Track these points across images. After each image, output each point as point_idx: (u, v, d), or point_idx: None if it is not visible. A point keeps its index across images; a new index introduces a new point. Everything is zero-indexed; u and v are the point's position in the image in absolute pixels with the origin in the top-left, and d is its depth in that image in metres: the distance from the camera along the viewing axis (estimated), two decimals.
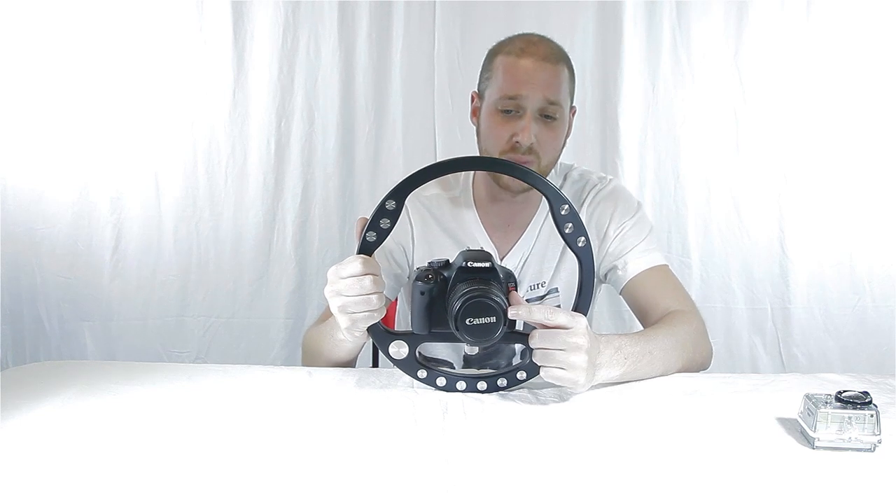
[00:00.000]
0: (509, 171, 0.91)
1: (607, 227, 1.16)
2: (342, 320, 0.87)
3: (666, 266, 1.15)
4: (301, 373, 1.00)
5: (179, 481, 0.67)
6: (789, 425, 0.79)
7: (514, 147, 1.06)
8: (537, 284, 1.18)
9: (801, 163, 1.93)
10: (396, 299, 1.29)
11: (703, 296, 1.98)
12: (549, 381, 0.84)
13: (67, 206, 1.92)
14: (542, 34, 1.10)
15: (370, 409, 0.86)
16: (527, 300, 1.15)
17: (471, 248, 1.14)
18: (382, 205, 0.85)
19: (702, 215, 1.98)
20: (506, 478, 0.68)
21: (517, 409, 0.86)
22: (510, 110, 1.06)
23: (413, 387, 0.92)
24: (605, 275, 1.18)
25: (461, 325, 0.82)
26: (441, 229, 1.17)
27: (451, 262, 0.89)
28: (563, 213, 0.86)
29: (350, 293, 0.84)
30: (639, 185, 1.97)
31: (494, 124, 1.08)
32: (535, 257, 1.18)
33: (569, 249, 0.88)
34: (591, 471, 0.69)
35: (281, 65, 1.93)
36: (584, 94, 1.95)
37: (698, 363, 1.04)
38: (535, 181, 0.87)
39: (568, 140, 1.14)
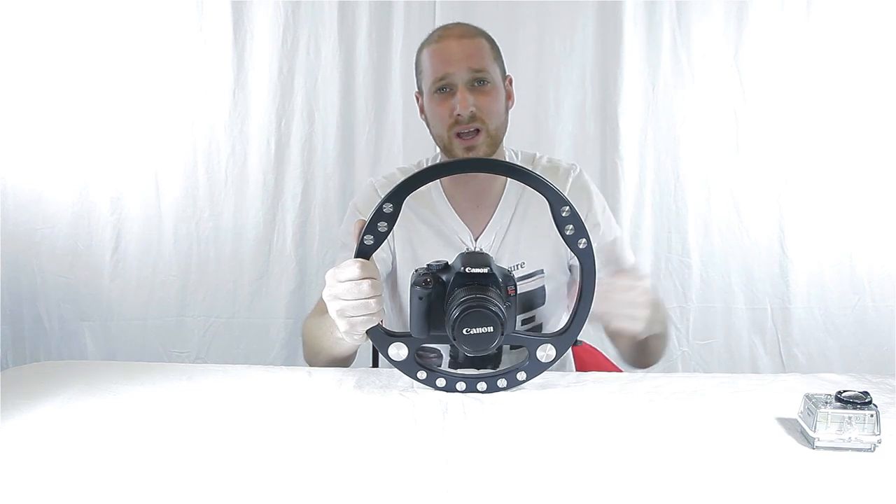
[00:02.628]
0: (508, 172, 0.91)
1: (584, 219, 1.17)
2: (341, 324, 0.87)
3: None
4: (301, 373, 1.00)
5: (179, 481, 0.67)
6: (789, 425, 0.79)
7: (458, 120, 1.10)
8: (518, 265, 1.18)
9: (801, 163, 1.93)
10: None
11: (703, 296, 1.98)
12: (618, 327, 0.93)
13: (67, 206, 1.92)
14: (457, 21, 1.20)
15: (370, 409, 0.86)
16: None
17: (470, 249, 1.15)
18: (380, 208, 0.85)
19: (702, 215, 1.98)
20: (506, 478, 0.68)
21: (517, 409, 0.86)
22: (444, 89, 1.12)
23: (413, 387, 0.92)
24: (570, 267, 1.21)
25: (458, 334, 0.82)
26: (416, 217, 1.19)
27: (450, 264, 0.89)
28: (564, 214, 0.85)
29: (348, 297, 0.84)
30: (639, 185, 1.96)
31: (434, 106, 1.14)
32: (512, 237, 1.19)
33: (552, 230, 0.88)
34: (591, 470, 0.69)
35: (281, 65, 1.93)
36: (584, 94, 1.96)
37: (664, 345, 1.15)
38: (536, 183, 0.86)
39: (511, 106, 1.19)
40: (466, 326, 0.81)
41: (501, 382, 0.91)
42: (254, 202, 1.98)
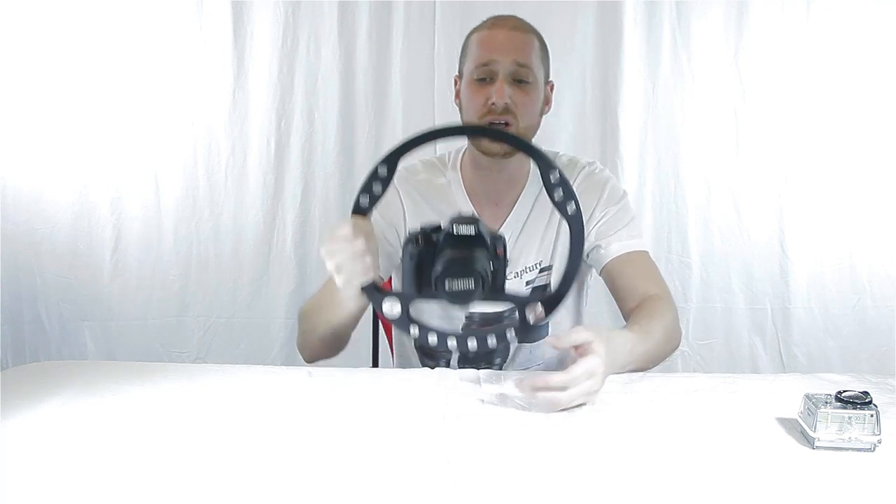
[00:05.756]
0: (499, 137, 0.93)
1: (594, 209, 1.17)
2: (338, 279, 0.91)
3: (647, 252, 1.17)
4: (301, 373, 1.00)
5: (180, 481, 0.67)
6: (789, 425, 0.79)
7: (491, 109, 1.09)
8: (535, 265, 1.18)
9: (801, 163, 1.93)
10: (391, 279, 1.30)
11: (703, 296, 1.98)
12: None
13: (67, 206, 1.92)
14: (513, 14, 1.16)
15: (370, 409, 0.86)
16: (527, 283, 1.17)
17: (462, 213, 1.15)
18: (375, 170, 0.88)
19: (702, 215, 1.98)
20: (506, 478, 0.68)
21: (517, 408, 0.86)
22: (484, 78, 1.10)
23: (413, 387, 0.92)
24: (588, 254, 1.18)
25: (440, 287, 0.83)
26: (432, 210, 1.19)
27: (442, 226, 0.90)
28: (552, 180, 0.86)
29: (344, 252, 0.88)
30: (639, 185, 1.96)
31: (471, 93, 1.12)
32: (527, 235, 1.18)
33: (561, 225, 0.88)
34: (591, 470, 0.69)
35: (281, 65, 1.93)
36: (584, 94, 1.96)
37: (673, 348, 1.10)
38: (525, 147, 0.88)
39: (547, 111, 1.18)
40: (448, 278, 0.83)
41: (491, 341, 0.90)
42: (254, 202, 1.98)
